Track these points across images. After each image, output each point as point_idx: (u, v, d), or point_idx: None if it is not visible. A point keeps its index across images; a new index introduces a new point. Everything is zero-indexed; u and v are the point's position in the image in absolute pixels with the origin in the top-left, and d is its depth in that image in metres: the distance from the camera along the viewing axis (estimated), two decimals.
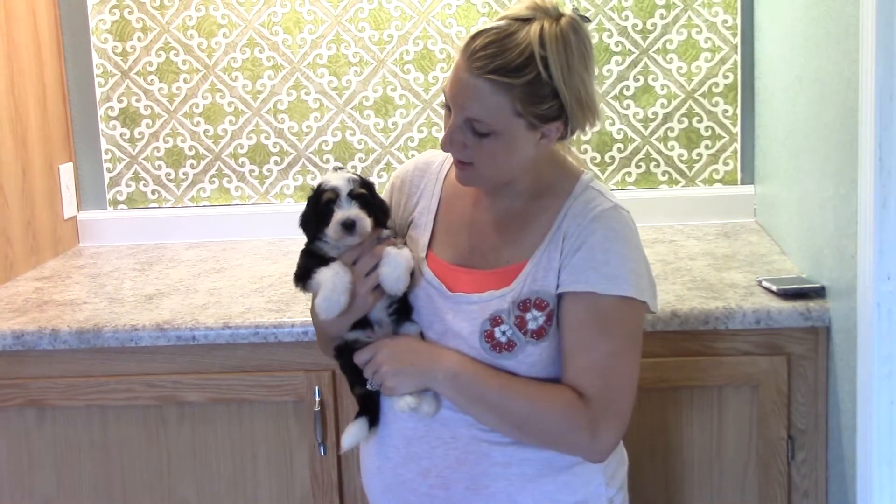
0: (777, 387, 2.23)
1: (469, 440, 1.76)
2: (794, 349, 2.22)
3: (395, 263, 1.78)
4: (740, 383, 2.25)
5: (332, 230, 1.77)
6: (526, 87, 1.65)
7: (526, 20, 1.66)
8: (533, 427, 1.73)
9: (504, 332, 1.73)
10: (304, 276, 1.83)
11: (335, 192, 1.78)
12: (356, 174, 1.82)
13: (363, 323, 1.83)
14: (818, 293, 2.23)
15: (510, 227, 1.81)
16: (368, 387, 1.81)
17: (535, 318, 1.73)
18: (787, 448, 2.25)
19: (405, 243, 1.85)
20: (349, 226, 1.76)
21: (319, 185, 1.81)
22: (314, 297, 1.82)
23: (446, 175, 1.91)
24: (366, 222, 1.77)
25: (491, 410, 1.74)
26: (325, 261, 1.81)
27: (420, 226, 1.88)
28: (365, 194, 1.79)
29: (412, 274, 1.80)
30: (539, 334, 1.73)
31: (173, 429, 2.36)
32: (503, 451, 1.76)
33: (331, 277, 1.77)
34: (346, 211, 1.76)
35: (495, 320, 1.74)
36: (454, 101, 1.70)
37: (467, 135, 1.70)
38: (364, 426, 1.85)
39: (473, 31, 1.69)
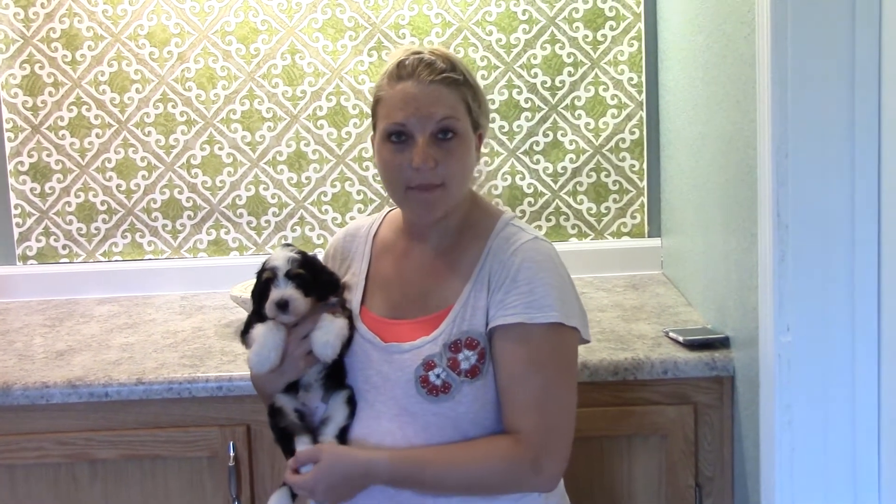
0: (685, 435, 2.28)
1: (410, 495, 1.78)
2: (701, 398, 2.28)
3: (327, 329, 1.83)
4: (649, 433, 2.29)
5: (268, 309, 1.83)
6: (465, 86, 1.80)
7: (416, 52, 1.80)
8: (478, 488, 1.76)
9: (438, 375, 1.76)
10: (245, 332, 1.89)
11: (273, 272, 1.84)
12: (298, 252, 1.87)
13: (295, 386, 1.87)
14: (723, 343, 2.29)
15: (436, 272, 1.85)
16: None
17: (467, 358, 1.76)
18: (695, 496, 2.30)
19: (349, 316, 1.88)
20: (282, 306, 1.82)
21: (264, 263, 1.88)
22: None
23: (374, 235, 1.96)
24: (299, 303, 1.82)
25: (433, 491, 1.76)
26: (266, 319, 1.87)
27: (353, 286, 1.93)
28: (303, 274, 1.84)
29: (350, 340, 1.85)
30: (473, 373, 1.76)
31: (85, 487, 2.33)
32: None
33: (264, 333, 1.84)
34: (281, 291, 1.83)
35: (428, 364, 1.77)
36: (419, 114, 1.77)
37: (434, 148, 1.77)
38: (287, 495, 1.86)
39: (394, 62, 1.80)
